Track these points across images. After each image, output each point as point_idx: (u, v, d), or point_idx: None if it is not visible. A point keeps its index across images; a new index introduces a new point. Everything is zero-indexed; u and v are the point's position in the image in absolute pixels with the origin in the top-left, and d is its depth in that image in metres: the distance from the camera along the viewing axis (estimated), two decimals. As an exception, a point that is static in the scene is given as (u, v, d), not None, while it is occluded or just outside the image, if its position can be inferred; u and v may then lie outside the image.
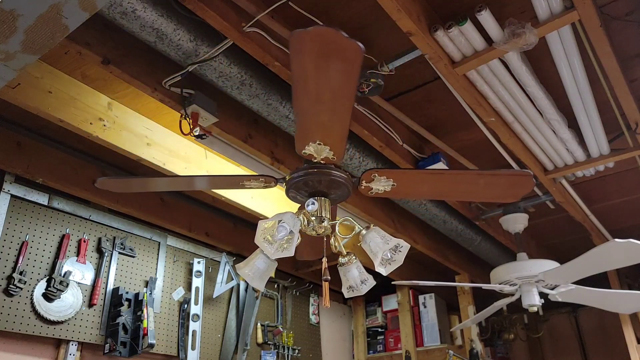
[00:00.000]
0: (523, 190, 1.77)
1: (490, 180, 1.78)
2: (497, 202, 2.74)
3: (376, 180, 1.74)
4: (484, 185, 1.79)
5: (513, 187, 1.78)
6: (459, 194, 2.03)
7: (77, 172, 2.68)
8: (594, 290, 2.88)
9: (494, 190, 1.80)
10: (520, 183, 1.76)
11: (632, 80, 2.27)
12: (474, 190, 1.82)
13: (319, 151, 1.63)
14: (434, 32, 1.85)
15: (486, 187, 1.79)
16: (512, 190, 1.81)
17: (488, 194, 1.91)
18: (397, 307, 4.43)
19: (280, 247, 1.64)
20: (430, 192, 2.00)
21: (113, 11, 1.68)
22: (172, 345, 3.10)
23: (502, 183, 1.77)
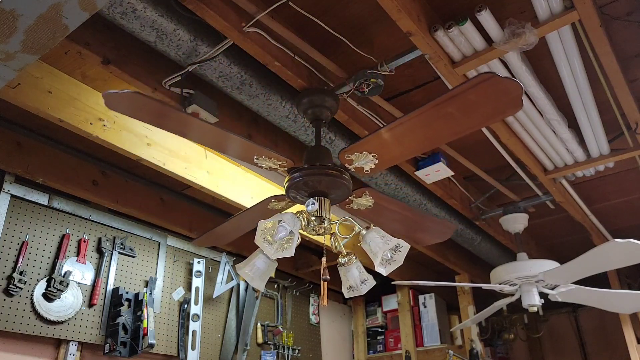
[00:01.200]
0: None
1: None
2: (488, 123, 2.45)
3: (355, 159, 1.72)
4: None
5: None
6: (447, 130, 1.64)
7: (77, 172, 2.68)
8: (594, 290, 2.89)
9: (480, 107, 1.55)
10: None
11: (632, 80, 2.27)
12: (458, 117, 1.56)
13: (361, 161, 1.67)
14: (434, 32, 1.85)
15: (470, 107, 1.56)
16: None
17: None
18: (397, 307, 4.43)
19: (280, 247, 1.64)
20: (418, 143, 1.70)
21: (113, 11, 1.68)
22: (172, 345, 3.10)
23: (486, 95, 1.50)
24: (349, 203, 1.87)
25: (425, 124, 1.49)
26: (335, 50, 2.09)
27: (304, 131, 2.33)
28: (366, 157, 1.67)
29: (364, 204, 1.88)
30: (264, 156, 1.71)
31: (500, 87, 1.33)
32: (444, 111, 1.43)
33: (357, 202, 1.87)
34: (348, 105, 2.26)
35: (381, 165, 1.71)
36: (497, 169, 3.00)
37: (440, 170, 2.66)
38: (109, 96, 1.42)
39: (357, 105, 2.29)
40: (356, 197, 1.85)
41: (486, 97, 1.37)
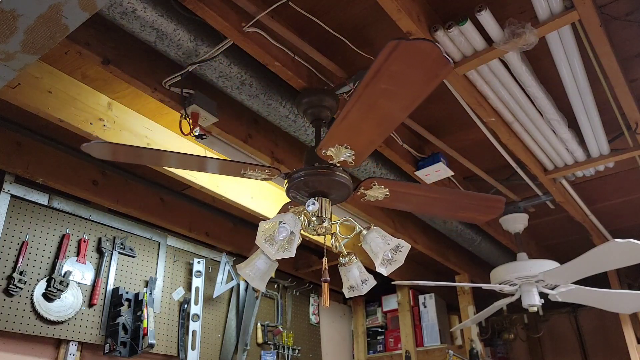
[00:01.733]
0: (492, 215, 2.02)
1: (469, 202, 1.96)
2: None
3: (374, 188, 1.76)
4: (462, 205, 1.97)
5: (485, 210, 2.01)
6: (439, 211, 2.20)
7: (77, 172, 2.68)
8: (594, 290, 2.89)
9: (469, 211, 2.03)
10: (493, 207, 1.98)
11: (632, 80, 2.27)
12: (452, 209, 2.04)
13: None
14: (434, 32, 1.85)
15: (463, 208, 1.99)
16: (483, 214, 2.05)
17: (462, 214, 2.13)
18: (397, 307, 4.43)
19: (281, 248, 1.64)
20: (415, 207, 2.14)
21: (113, 11, 1.68)
22: (172, 345, 3.10)
23: (478, 205, 1.97)
24: (362, 197, 1.84)
25: (370, 106, 1.46)
26: (335, 50, 2.09)
27: (304, 131, 2.33)
28: (341, 150, 1.67)
29: (377, 195, 1.84)
30: (249, 170, 1.73)
31: (415, 50, 1.27)
32: (378, 89, 1.39)
33: (370, 195, 1.84)
34: (348, 105, 2.25)
35: (359, 154, 1.68)
36: (497, 169, 3.00)
37: (440, 170, 2.66)
38: (90, 147, 1.61)
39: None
40: (366, 190, 1.82)
41: (409, 65, 1.32)
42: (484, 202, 1.97)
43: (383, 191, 1.81)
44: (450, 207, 2.01)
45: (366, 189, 1.81)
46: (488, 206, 1.98)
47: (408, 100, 1.41)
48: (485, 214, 2.03)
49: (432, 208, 2.04)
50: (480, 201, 1.95)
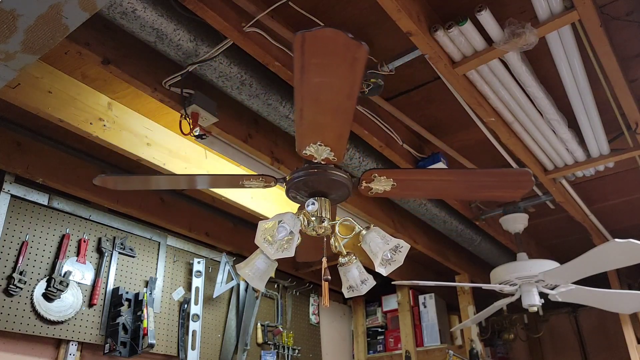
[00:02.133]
0: (522, 189, 1.75)
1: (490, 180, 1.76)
2: (498, 201, 2.74)
3: (376, 180, 1.74)
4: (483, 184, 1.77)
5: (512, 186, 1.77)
6: (458, 193, 2.03)
7: (77, 172, 2.68)
8: (594, 290, 2.88)
9: (494, 190, 1.80)
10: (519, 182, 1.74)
11: (632, 80, 2.27)
12: (473, 190, 1.82)
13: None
14: (434, 32, 1.85)
15: (485, 187, 1.77)
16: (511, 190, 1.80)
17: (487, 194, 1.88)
18: (397, 307, 4.43)
19: (280, 248, 1.64)
20: (430, 192, 1.99)
21: (113, 11, 1.68)
22: (172, 345, 3.10)
23: (501, 182, 1.75)
24: (368, 190, 1.81)
25: (316, 101, 1.45)
26: (335, 50, 2.09)
27: (304, 131, 2.33)
28: (385, 183, 1.70)
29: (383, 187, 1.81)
30: (251, 179, 1.74)
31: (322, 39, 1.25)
32: (313, 83, 1.38)
33: (376, 188, 1.81)
34: (348, 105, 2.25)
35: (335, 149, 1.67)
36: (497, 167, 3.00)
37: (440, 170, 2.66)
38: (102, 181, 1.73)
39: (357, 105, 2.29)
40: (368, 183, 1.80)
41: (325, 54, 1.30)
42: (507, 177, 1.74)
43: (387, 182, 1.78)
44: (470, 188, 1.81)
45: (369, 182, 1.79)
46: (514, 181, 1.73)
47: (347, 88, 1.39)
48: (513, 191, 1.78)
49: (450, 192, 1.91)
50: (503, 177, 1.74)
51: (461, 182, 1.79)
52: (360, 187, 1.78)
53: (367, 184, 1.76)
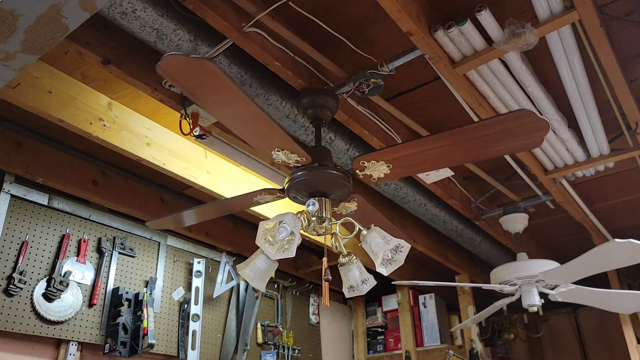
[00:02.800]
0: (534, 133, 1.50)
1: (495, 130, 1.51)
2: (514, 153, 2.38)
3: (369, 166, 1.71)
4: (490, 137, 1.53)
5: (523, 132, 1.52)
6: (466, 155, 1.69)
7: (77, 172, 2.68)
8: (594, 290, 2.89)
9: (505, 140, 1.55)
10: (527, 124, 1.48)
11: (632, 80, 2.27)
12: (481, 146, 1.58)
13: (374, 168, 1.65)
14: (434, 32, 1.85)
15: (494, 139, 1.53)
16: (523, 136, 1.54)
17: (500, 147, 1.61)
18: (397, 307, 4.43)
19: (281, 248, 1.64)
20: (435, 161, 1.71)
21: (113, 11, 1.68)
22: (172, 345, 3.10)
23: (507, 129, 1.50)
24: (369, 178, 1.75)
25: (448, 147, 1.53)
26: (335, 50, 2.09)
27: (304, 131, 2.33)
28: (380, 166, 1.68)
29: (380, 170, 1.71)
30: (285, 149, 1.71)
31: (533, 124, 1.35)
32: (470, 137, 1.46)
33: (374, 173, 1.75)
34: (348, 105, 2.26)
35: (391, 176, 1.72)
36: (497, 169, 3.00)
37: (440, 170, 2.66)
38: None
39: (357, 105, 2.29)
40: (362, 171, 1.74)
41: (514, 132, 1.41)
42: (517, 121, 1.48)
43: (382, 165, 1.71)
44: (481, 145, 1.58)
45: (362, 170, 1.73)
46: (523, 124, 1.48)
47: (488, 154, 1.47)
48: (527, 138, 1.53)
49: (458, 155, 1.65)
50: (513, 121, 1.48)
51: (462, 143, 1.58)
52: (360, 177, 1.77)
53: (364, 172, 1.74)
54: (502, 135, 1.52)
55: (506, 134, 1.52)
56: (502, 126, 1.49)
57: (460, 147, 1.59)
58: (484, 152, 1.61)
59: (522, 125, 1.48)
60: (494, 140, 1.55)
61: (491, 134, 1.52)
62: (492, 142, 1.55)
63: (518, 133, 1.51)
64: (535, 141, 1.54)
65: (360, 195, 1.85)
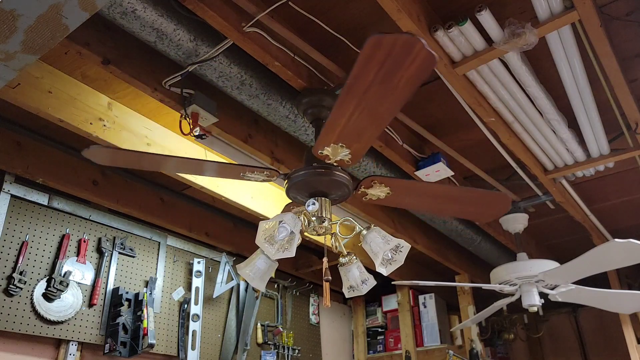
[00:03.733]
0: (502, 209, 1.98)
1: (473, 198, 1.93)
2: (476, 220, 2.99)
3: (375, 186, 1.75)
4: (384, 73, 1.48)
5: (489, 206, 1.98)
6: (445, 211, 2.21)
7: (77, 172, 2.68)
8: (594, 290, 2.89)
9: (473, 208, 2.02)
10: (499, 202, 1.94)
11: (632, 80, 2.27)
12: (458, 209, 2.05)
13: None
14: (434, 32, 1.85)
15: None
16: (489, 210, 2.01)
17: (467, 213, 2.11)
18: (397, 307, 4.43)
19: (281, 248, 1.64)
20: (422, 206, 2.15)
21: (113, 11, 1.68)
22: (172, 345, 3.10)
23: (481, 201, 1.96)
24: (364, 195, 1.83)
25: (360, 104, 1.44)
26: (335, 50, 2.09)
27: (304, 131, 2.33)
28: (337, 149, 1.66)
29: (378, 193, 1.83)
30: (248, 172, 1.72)
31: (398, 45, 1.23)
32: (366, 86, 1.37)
33: (371, 193, 1.83)
34: (348, 105, 2.25)
35: (355, 153, 1.67)
36: (497, 169, 3.00)
37: (440, 170, 2.66)
38: (90, 153, 1.63)
39: (357, 105, 2.29)
40: (367, 188, 1.81)
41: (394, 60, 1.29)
42: (486, 198, 1.97)
43: (384, 189, 1.80)
44: (454, 205, 2.01)
45: (367, 188, 1.80)
46: (490, 202, 1.98)
47: (398, 97, 1.38)
48: (488, 212, 2.05)
49: (434, 206, 2.06)
50: (482, 198, 1.95)
51: (446, 198, 1.94)
52: (357, 192, 1.79)
53: (365, 189, 1.77)
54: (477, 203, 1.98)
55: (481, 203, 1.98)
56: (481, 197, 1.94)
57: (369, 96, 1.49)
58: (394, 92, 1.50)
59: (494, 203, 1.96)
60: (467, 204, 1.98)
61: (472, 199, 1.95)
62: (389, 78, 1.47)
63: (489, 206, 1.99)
64: (499, 214, 2.05)
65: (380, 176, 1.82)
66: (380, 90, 1.35)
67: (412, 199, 1.93)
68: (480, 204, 1.99)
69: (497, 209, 1.99)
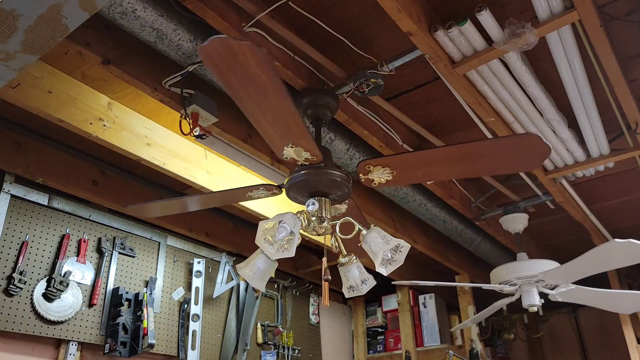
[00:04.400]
0: (536, 155, 1.56)
1: (496, 150, 1.58)
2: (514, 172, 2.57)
3: (373, 171, 1.72)
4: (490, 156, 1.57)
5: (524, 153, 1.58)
6: (469, 170, 1.76)
7: (77, 172, 2.68)
8: (594, 290, 2.89)
9: (504, 161, 1.61)
10: (530, 147, 1.55)
11: (632, 80, 2.27)
12: (481, 164, 1.65)
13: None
14: (434, 32, 1.85)
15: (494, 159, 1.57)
16: (523, 158, 1.61)
17: (498, 166, 1.69)
18: (397, 307, 4.43)
19: (281, 248, 1.64)
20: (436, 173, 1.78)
21: (113, 11, 1.68)
22: (172, 345, 3.10)
23: (510, 150, 1.57)
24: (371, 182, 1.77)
25: (455, 160, 1.55)
26: (335, 50, 2.09)
27: (304, 131, 2.33)
28: (384, 172, 1.68)
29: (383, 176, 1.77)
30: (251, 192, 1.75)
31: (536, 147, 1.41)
32: (477, 153, 1.49)
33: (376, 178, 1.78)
34: (348, 105, 2.26)
35: (392, 182, 1.73)
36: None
37: (440, 170, 2.65)
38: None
39: (357, 105, 2.29)
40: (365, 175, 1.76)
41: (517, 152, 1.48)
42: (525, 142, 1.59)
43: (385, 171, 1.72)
44: (485, 162, 1.65)
45: (366, 174, 1.75)
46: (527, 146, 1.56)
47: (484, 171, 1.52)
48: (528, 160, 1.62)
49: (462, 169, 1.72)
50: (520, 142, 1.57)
51: (468, 158, 1.63)
52: (362, 181, 1.77)
53: (367, 176, 1.74)
54: (507, 154, 1.59)
55: (510, 153, 1.58)
56: (508, 145, 1.57)
57: (465, 162, 1.65)
58: (486, 168, 1.71)
59: (526, 147, 1.57)
60: (498, 158, 1.62)
61: (497, 152, 1.59)
62: (496, 160, 1.62)
63: (522, 154, 1.59)
64: (534, 164, 1.71)
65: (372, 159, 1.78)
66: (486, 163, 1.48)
67: (423, 170, 1.71)
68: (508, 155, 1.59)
69: (534, 155, 1.57)
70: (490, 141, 1.53)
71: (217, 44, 1.17)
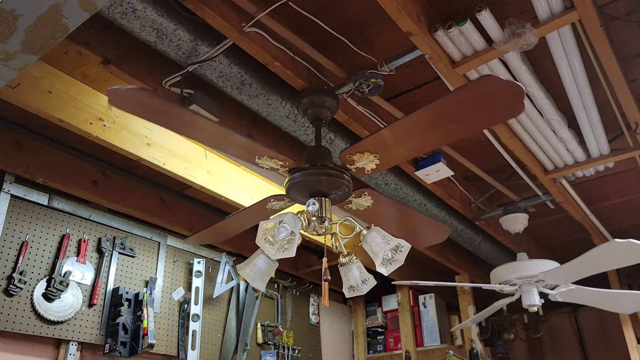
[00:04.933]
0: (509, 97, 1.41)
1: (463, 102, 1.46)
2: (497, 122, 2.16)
3: (357, 159, 1.71)
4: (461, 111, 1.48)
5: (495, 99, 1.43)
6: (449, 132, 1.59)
7: (77, 172, 2.68)
8: (594, 290, 2.89)
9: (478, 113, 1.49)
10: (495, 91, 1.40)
11: (632, 80, 2.27)
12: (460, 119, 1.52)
13: (361, 160, 1.69)
14: (434, 32, 1.85)
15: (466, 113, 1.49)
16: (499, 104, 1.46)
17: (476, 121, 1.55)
18: (397, 307, 4.43)
19: (281, 248, 1.64)
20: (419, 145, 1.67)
21: (113, 11, 1.68)
22: (172, 345, 3.10)
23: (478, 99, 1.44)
24: (348, 203, 1.87)
25: (426, 125, 1.50)
26: (335, 50, 2.09)
27: (304, 131, 2.33)
28: (367, 158, 1.67)
29: (363, 204, 1.88)
30: (266, 156, 1.70)
31: (501, 89, 1.34)
32: (444, 112, 1.43)
33: (357, 203, 1.87)
34: (348, 105, 2.26)
35: (382, 165, 1.71)
36: (497, 169, 3.00)
37: (440, 170, 2.66)
38: (113, 93, 1.38)
39: (357, 105, 2.29)
40: (355, 198, 1.85)
41: (487, 100, 1.39)
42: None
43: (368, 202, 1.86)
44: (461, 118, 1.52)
45: (356, 197, 1.85)
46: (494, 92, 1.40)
47: (463, 130, 1.47)
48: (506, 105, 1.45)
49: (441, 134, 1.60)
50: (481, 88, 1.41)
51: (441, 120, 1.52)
52: (353, 171, 1.78)
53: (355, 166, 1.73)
54: (477, 105, 1.45)
55: (481, 103, 1.43)
56: (471, 94, 1.42)
57: (440, 124, 1.53)
58: (466, 125, 1.54)
59: (493, 93, 1.40)
60: (471, 111, 1.48)
61: (465, 105, 1.45)
62: (470, 114, 1.49)
63: (494, 101, 1.43)
64: (515, 108, 1.46)
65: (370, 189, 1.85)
66: (462, 119, 1.44)
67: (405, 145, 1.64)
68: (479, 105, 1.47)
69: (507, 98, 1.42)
70: (450, 94, 1.43)
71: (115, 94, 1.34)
